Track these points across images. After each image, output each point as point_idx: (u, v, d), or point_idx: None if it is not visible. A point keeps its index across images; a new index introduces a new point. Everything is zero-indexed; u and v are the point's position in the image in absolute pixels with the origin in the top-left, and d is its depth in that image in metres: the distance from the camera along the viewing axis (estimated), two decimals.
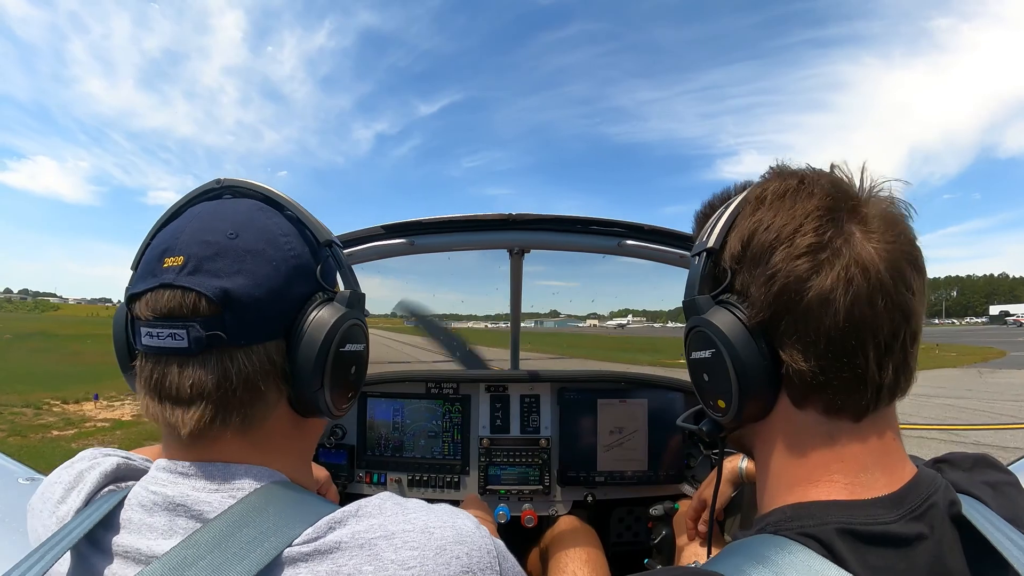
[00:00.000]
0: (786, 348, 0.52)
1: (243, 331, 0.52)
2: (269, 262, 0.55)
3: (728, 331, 0.54)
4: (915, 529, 0.48)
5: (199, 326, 0.50)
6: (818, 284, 0.50)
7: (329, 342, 0.56)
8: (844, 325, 0.50)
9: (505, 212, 1.44)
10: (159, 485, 0.53)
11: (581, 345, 40.47)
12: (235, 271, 0.53)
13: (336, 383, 0.58)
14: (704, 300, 0.58)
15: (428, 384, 1.77)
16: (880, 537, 0.48)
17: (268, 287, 0.54)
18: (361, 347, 0.63)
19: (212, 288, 0.51)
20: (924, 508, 0.50)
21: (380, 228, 1.45)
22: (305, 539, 0.48)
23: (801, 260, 0.51)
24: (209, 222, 0.56)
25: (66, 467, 0.63)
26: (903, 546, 0.48)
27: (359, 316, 0.62)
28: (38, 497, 0.62)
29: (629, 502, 1.76)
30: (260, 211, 0.59)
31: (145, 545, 0.50)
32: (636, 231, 1.46)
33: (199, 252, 0.53)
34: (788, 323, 0.52)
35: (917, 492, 0.51)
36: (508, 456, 1.71)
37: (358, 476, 1.73)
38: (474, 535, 0.53)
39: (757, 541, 0.50)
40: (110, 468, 0.60)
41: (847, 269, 0.50)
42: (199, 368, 0.51)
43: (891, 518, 0.49)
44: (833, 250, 0.51)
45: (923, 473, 0.54)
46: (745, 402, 0.55)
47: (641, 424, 1.72)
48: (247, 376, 0.53)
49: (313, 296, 0.59)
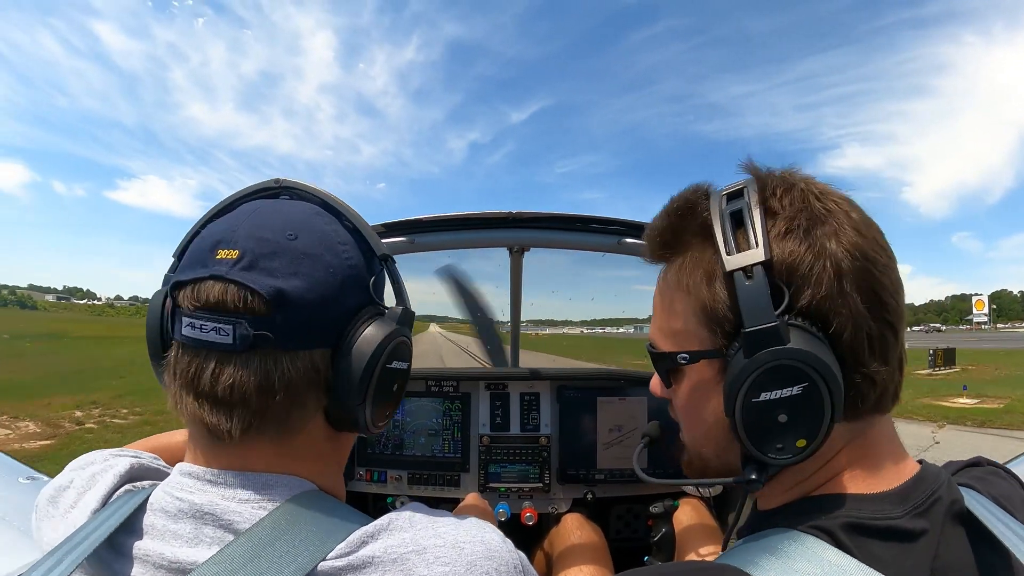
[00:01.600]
0: (863, 365, 0.50)
1: (291, 335, 0.51)
2: (326, 268, 0.54)
3: (825, 358, 0.48)
4: (919, 524, 0.49)
5: (247, 323, 0.49)
6: (888, 290, 0.52)
7: (378, 357, 0.55)
8: (897, 327, 0.52)
9: (507, 211, 1.45)
10: (185, 492, 0.52)
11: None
12: (291, 272, 0.51)
13: (379, 399, 0.57)
14: (783, 326, 0.49)
15: (428, 382, 1.78)
16: (885, 531, 0.48)
17: (322, 293, 0.53)
18: (406, 365, 0.61)
19: (266, 286, 0.49)
20: (929, 503, 0.51)
21: (381, 226, 1.45)
22: (338, 553, 0.48)
23: (880, 269, 0.52)
24: (268, 219, 0.55)
25: (76, 469, 0.62)
26: (907, 540, 0.48)
27: (407, 334, 0.60)
28: (47, 499, 0.61)
29: (629, 500, 1.77)
30: (319, 216, 0.58)
31: (171, 552, 0.49)
32: (636, 229, 1.47)
33: (256, 248, 0.51)
34: (873, 336, 0.50)
35: (923, 487, 0.52)
36: (508, 454, 1.72)
37: (358, 474, 1.73)
38: (501, 550, 0.53)
39: (768, 535, 0.51)
40: (124, 469, 0.59)
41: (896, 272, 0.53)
42: (241, 368, 0.50)
43: (897, 513, 0.49)
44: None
45: (927, 468, 0.55)
46: (821, 438, 0.50)
47: (641, 422, 1.72)
48: (289, 382, 0.51)
49: (364, 309, 0.57)
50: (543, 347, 43.45)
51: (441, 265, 2.00)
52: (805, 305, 0.49)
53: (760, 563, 0.47)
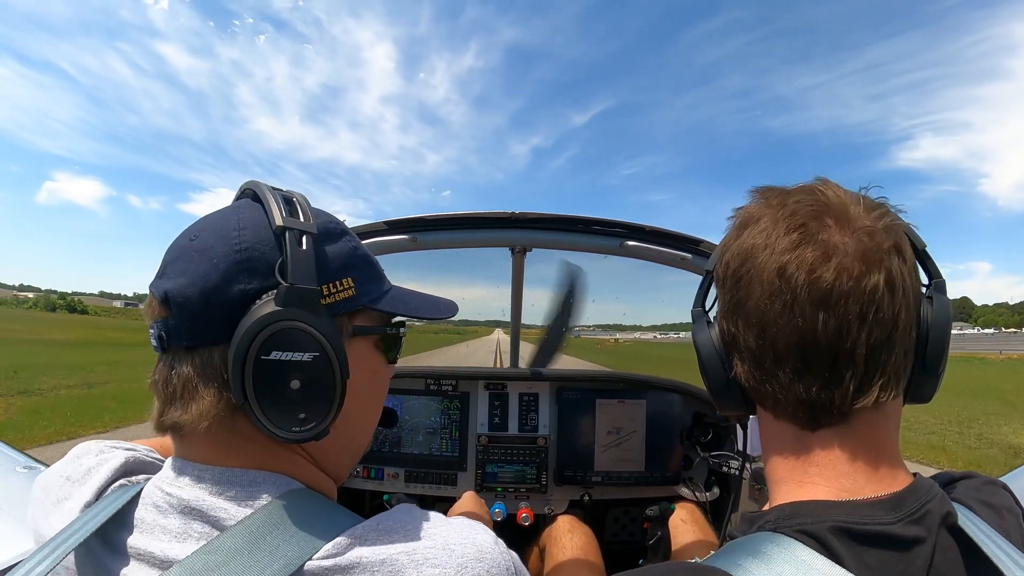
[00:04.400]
0: (732, 358, 0.60)
1: (182, 333, 0.52)
2: (210, 260, 0.52)
3: (702, 343, 0.63)
4: (913, 532, 0.49)
5: (158, 327, 0.53)
6: (747, 304, 0.56)
7: (244, 349, 0.48)
8: (759, 342, 0.55)
9: (508, 211, 1.45)
10: (174, 486, 0.52)
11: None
12: (180, 272, 0.52)
13: (267, 399, 0.49)
14: (696, 312, 0.67)
15: (427, 380, 1.78)
16: (877, 537, 0.48)
17: (201, 287, 0.51)
18: (304, 356, 0.50)
19: (159, 290, 0.53)
20: (921, 513, 0.50)
21: (383, 224, 1.45)
22: (325, 554, 0.48)
23: (742, 282, 0.57)
24: (189, 228, 0.57)
25: (70, 460, 0.62)
26: (900, 548, 0.48)
27: (301, 317, 0.50)
28: (41, 488, 0.61)
29: (625, 502, 1.77)
30: (238, 208, 0.55)
31: (158, 547, 0.49)
32: (638, 232, 1.47)
33: (168, 257, 0.55)
34: (731, 336, 0.59)
35: (915, 497, 0.51)
36: (505, 454, 1.72)
37: (355, 471, 1.73)
38: (493, 550, 0.52)
39: (755, 538, 0.51)
40: (119, 462, 0.59)
41: (767, 289, 0.54)
42: (160, 365, 0.54)
43: (890, 519, 0.49)
44: (760, 273, 0.55)
45: (920, 480, 0.55)
46: (717, 399, 0.64)
47: (639, 425, 1.72)
48: (186, 378, 0.52)
49: (263, 294, 0.51)
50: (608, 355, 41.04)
51: (567, 265, 1.98)
52: (719, 306, 0.64)
53: (745, 566, 0.48)
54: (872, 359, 0.51)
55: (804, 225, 0.53)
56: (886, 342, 0.51)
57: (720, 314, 0.62)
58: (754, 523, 0.54)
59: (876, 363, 0.51)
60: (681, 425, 1.72)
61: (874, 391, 0.52)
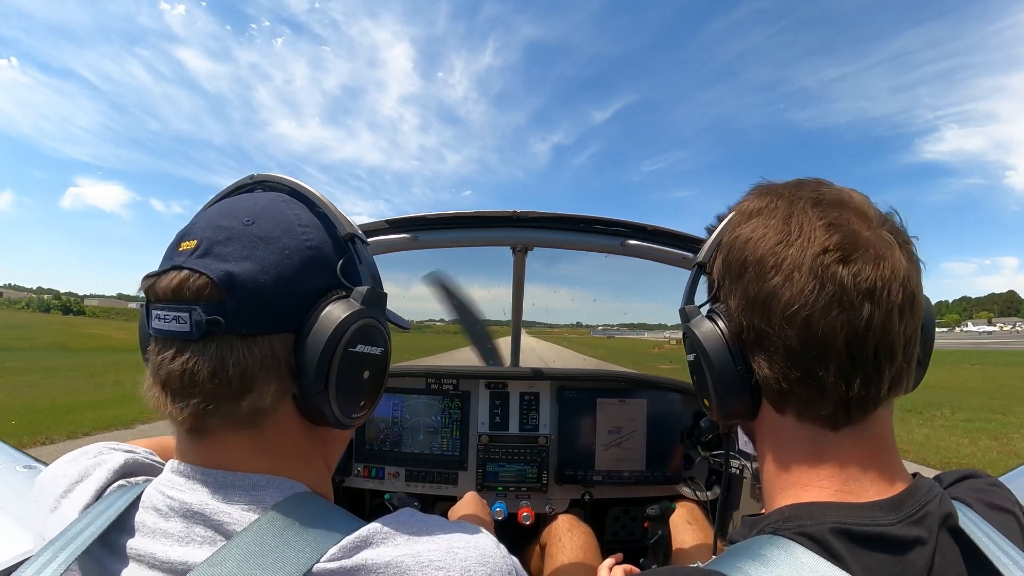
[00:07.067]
0: (755, 356, 0.55)
1: (245, 319, 0.50)
2: (282, 250, 0.53)
3: (706, 339, 0.58)
4: (913, 533, 0.49)
5: (201, 309, 0.48)
6: (784, 297, 0.52)
7: (336, 340, 0.52)
8: (803, 337, 0.51)
9: (511, 210, 1.45)
10: (176, 490, 0.52)
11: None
12: (243, 256, 0.51)
13: (343, 387, 0.54)
14: (692, 309, 0.63)
15: (428, 380, 1.77)
16: (876, 538, 0.48)
17: (276, 275, 0.51)
18: (377, 350, 0.57)
19: (217, 271, 0.49)
20: (921, 514, 0.50)
21: (384, 222, 1.45)
22: (331, 557, 0.48)
23: (770, 274, 0.53)
24: (229, 209, 0.55)
25: (69, 461, 0.62)
26: (900, 549, 0.48)
27: (376, 316, 0.56)
28: (40, 488, 0.61)
29: (626, 502, 1.77)
30: (283, 202, 0.58)
31: (160, 551, 0.49)
32: (639, 231, 1.47)
33: (212, 236, 0.52)
34: (757, 333, 0.55)
35: (915, 498, 0.51)
36: (506, 453, 1.72)
37: (356, 470, 1.73)
38: (495, 554, 0.53)
39: (755, 541, 0.51)
40: (118, 464, 0.59)
41: (809, 282, 0.50)
42: (197, 355, 0.49)
43: (889, 520, 0.49)
44: (795, 265, 0.52)
45: (920, 481, 0.55)
46: (723, 404, 0.59)
47: (640, 424, 1.72)
48: (244, 368, 0.50)
49: (330, 291, 0.55)
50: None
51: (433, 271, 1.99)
52: (723, 299, 0.59)
53: (745, 569, 0.48)
54: (907, 352, 0.52)
55: (833, 217, 0.53)
56: (914, 334, 0.52)
57: (736, 310, 0.56)
58: (754, 526, 0.54)
59: (910, 355, 0.52)
60: (681, 424, 1.72)
61: (905, 383, 0.53)
